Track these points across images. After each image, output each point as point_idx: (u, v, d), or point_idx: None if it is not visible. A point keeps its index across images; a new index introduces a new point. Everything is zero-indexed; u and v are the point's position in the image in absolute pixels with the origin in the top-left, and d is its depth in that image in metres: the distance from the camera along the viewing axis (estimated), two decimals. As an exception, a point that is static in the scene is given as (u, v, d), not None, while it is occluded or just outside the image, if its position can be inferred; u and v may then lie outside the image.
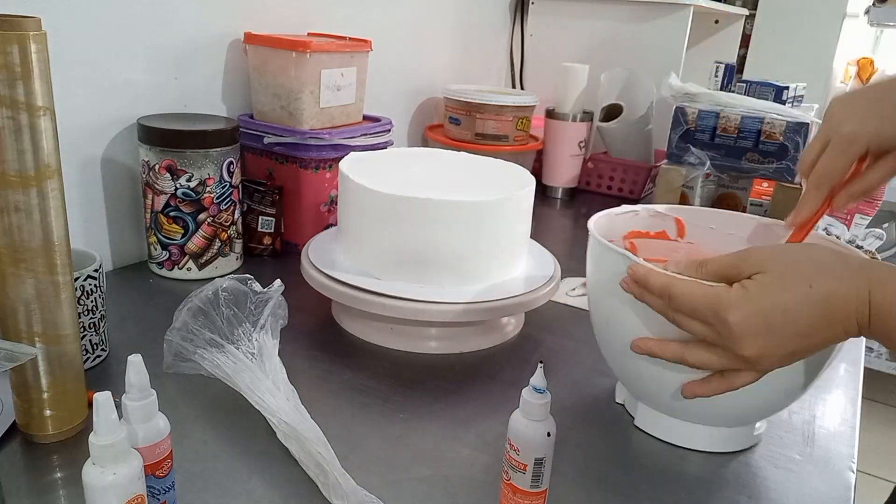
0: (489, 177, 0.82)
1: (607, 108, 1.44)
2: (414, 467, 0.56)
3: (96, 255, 0.66)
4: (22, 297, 0.52)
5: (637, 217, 0.73)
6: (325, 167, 0.98)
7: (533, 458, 0.47)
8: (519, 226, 0.78)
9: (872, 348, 2.42)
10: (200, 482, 0.52)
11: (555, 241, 1.15)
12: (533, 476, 0.47)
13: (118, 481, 0.40)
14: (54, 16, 0.77)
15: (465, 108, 1.33)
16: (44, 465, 0.54)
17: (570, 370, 0.74)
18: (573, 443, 0.61)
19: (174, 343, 0.60)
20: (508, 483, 0.48)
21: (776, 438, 0.64)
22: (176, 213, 0.85)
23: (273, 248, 0.97)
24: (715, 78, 1.63)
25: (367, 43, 1.03)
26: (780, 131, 1.15)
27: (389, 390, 0.67)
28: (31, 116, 0.49)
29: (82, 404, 0.57)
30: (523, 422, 0.47)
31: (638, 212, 0.72)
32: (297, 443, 0.54)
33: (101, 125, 0.86)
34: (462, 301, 0.71)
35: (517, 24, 1.68)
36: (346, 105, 1.03)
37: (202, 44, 0.96)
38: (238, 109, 1.03)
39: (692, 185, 1.20)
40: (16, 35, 0.47)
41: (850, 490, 0.58)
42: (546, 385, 0.46)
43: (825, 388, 0.74)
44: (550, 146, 1.42)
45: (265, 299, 0.64)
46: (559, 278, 0.80)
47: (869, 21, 2.45)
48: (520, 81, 1.72)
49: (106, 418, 0.39)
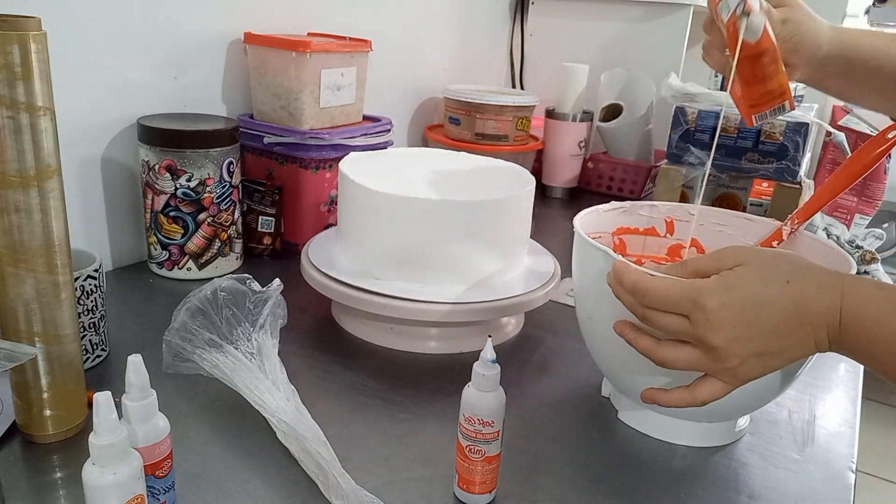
0: (489, 177, 0.82)
1: (607, 108, 1.44)
2: (414, 467, 0.56)
3: (96, 255, 0.66)
4: (22, 297, 0.52)
5: (625, 213, 0.74)
6: (325, 167, 0.98)
7: (501, 424, 0.51)
8: (519, 226, 0.78)
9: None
10: (200, 482, 0.52)
11: (555, 241, 1.15)
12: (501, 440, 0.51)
13: (118, 481, 0.40)
14: (54, 16, 0.77)
15: (465, 108, 1.33)
16: (44, 465, 0.54)
17: (570, 370, 0.74)
18: (573, 443, 0.61)
19: (173, 343, 0.60)
20: (485, 458, 0.50)
21: (776, 438, 0.64)
22: (176, 213, 0.85)
23: (273, 248, 0.97)
24: (715, 78, 1.63)
25: (367, 43, 1.03)
26: (779, 131, 1.15)
27: (389, 390, 0.67)
28: (31, 116, 0.49)
29: (82, 404, 0.57)
30: (488, 395, 0.50)
31: (626, 208, 0.74)
32: (297, 443, 0.54)
33: (101, 125, 0.86)
34: (462, 301, 0.71)
35: (517, 24, 1.68)
36: (346, 105, 1.03)
37: (202, 44, 0.96)
38: (238, 109, 1.03)
39: (692, 185, 1.20)
40: (16, 35, 0.47)
41: (850, 490, 0.58)
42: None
43: (825, 388, 0.74)
44: (550, 146, 1.42)
45: (264, 299, 0.64)
46: (559, 278, 0.80)
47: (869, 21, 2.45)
48: (520, 81, 1.72)
49: (106, 418, 0.39)
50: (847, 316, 0.46)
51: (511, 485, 0.55)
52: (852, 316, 0.46)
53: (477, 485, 0.51)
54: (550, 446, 0.61)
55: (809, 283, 0.48)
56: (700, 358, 0.50)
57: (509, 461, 0.56)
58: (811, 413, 0.69)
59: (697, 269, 0.51)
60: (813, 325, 0.47)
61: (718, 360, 0.49)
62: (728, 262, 0.50)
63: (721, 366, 0.49)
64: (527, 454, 0.59)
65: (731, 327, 0.48)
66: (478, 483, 0.51)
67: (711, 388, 0.51)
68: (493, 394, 0.50)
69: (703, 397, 0.51)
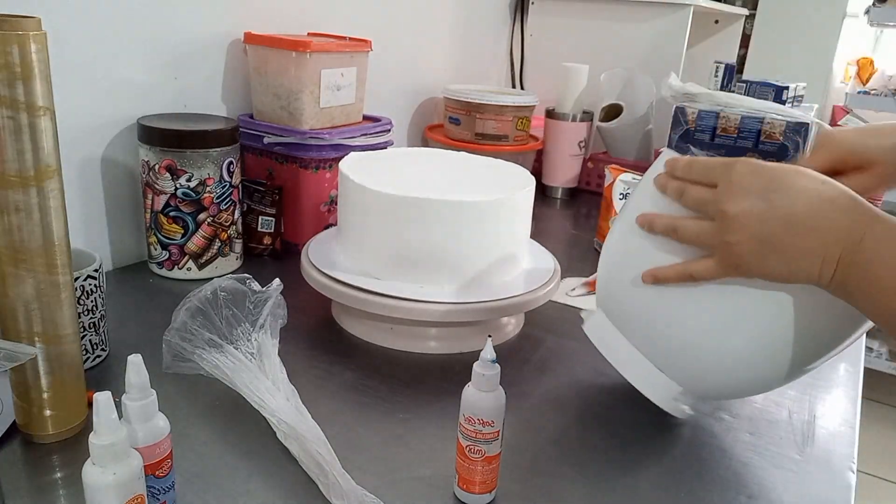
0: (489, 177, 0.82)
1: (607, 108, 1.44)
2: (414, 467, 0.56)
3: (96, 255, 0.66)
4: (22, 297, 0.52)
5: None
6: (325, 167, 0.98)
7: (501, 424, 0.51)
8: (519, 226, 0.78)
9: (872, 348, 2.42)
10: (200, 482, 0.52)
11: (555, 241, 1.15)
12: (501, 440, 0.51)
13: (118, 481, 0.40)
14: (54, 16, 0.77)
15: (465, 108, 1.33)
16: (44, 465, 0.54)
17: (570, 370, 0.74)
18: (573, 443, 0.61)
19: (173, 343, 0.60)
20: (485, 458, 0.50)
21: (776, 438, 0.64)
22: (176, 213, 0.85)
23: (273, 248, 0.97)
24: (715, 78, 1.63)
25: (367, 43, 1.03)
26: (779, 131, 1.15)
27: (389, 390, 0.67)
28: (31, 116, 0.49)
29: (82, 404, 0.57)
30: (488, 395, 0.50)
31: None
32: (297, 443, 0.54)
33: (101, 125, 0.86)
34: (462, 301, 0.71)
35: (517, 24, 1.68)
36: (346, 105, 1.03)
37: (202, 44, 0.96)
38: (238, 109, 1.03)
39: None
40: (16, 35, 0.47)
41: (850, 490, 0.58)
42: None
43: (825, 388, 0.74)
44: (550, 146, 1.42)
45: (264, 299, 0.64)
46: (559, 278, 0.80)
47: (869, 21, 2.45)
48: (520, 81, 1.72)
49: (106, 418, 0.39)
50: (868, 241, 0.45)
51: (511, 485, 0.55)
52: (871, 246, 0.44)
53: (477, 485, 0.51)
54: (550, 446, 0.61)
55: (844, 196, 0.47)
56: (710, 228, 0.50)
57: (509, 461, 0.56)
58: (811, 413, 0.69)
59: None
60: (827, 238, 0.46)
61: (724, 231, 0.49)
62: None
63: (724, 238, 0.49)
64: (527, 454, 0.59)
65: (750, 196, 0.47)
66: (478, 483, 0.51)
67: (706, 264, 0.51)
68: (493, 394, 0.50)
69: (693, 270, 0.52)
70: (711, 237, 0.51)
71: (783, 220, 0.47)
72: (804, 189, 0.47)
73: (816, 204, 0.46)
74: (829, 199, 0.46)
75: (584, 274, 0.98)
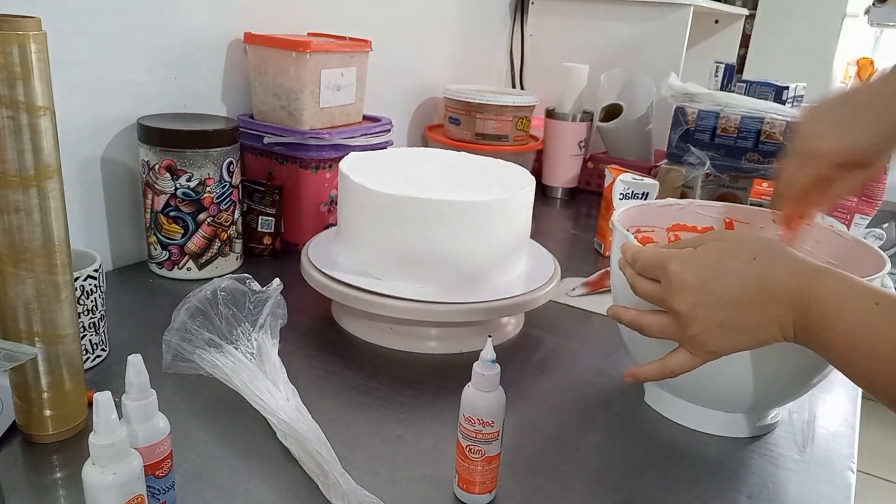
0: (489, 177, 0.82)
1: (607, 108, 1.44)
2: (414, 467, 0.56)
3: (96, 255, 0.66)
4: (22, 297, 0.52)
5: (682, 211, 0.75)
6: (325, 167, 0.98)
7: (501, 424, 0.50)
8: (519, 226, 0.78)
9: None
10: (200, 482, 0.52)
11: (555, 241, 1.15)
12: (501, 440, 0.51)
13: (118, 481, 0.40)
14: (54, 16, 0.77)
15: (465, 108, 1.33)
16: (44, 465, 0.54)
17: (570, 370, 0.74)
18: (573, 443, 0.61)
19: (172, 343, 0.60)
20: (485, 458, 0.50)
21: (776, 438, 0.64)
22: (176, 213, 0.85)
23: (273, 248, 0.97)
24: (715, 78, 1.63)
25: (367, 43, 1.03)
26: (779, 131, 1.15)
27: (389, 390, 0.67)
28: (31, 116, 0.49)
29: (82, 404, 0.57)
30: (488, 395, 0.49)
31: (683, 206, 0.75)
32: (297, 443, 0.54)
33: (101, 125, 0.86)
34: (462, 301, 0.71)
35: (517, 24, 1.68)
36: (346, 105, 1.03)
37: (202, 44, 0.96)
38: (238, 109, 1.03)
39: (692, 185, 1.20)
40: (16, 35, 0.47)
41: (850, 490, 0.58)
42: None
43: (825, 388, 0.74)
44: (550, 146, 1.42)
45: (264, 299, 0.64)
46: (559, 278, 0.80)
47: (869, 21, 2.45)
48: (520, 81, 1.72)
49: (106, 418, 0.39)
50: (813, 302, 0.46)
51: (511, 485, 0.55)
52: (818, 303, 0.46)
53: (477, 485, 0.51)
54: (550, 446, 0.61)
55: (778, 265, 0.48)
56: (670, 324, 0.52)
57: (509, 461, 0.56)
58: (811, 413, 0.69)
59: (682, 244, 0.54)
60: (778, 307, 0.47)
61: (683, 327, 0.50)
62: (708, 238, 0.52)
63: (686, 333, 0.50)
64: (527, 454, 0.59)
65: (693, 292, 0.49)
66: (478, 483, 0.51)
67: (680, 359, 0.52)
68: (493, 394, 0.50)
69: (672, 366, 0.52)
70: (674, 333, 0.52)
71: (731, 304, 0.48)
72: (737, 273, 0.48)
73: (753, 283, 0.48)
74: (764, 273, 0.48)
75: (584, 274, 0.98)
